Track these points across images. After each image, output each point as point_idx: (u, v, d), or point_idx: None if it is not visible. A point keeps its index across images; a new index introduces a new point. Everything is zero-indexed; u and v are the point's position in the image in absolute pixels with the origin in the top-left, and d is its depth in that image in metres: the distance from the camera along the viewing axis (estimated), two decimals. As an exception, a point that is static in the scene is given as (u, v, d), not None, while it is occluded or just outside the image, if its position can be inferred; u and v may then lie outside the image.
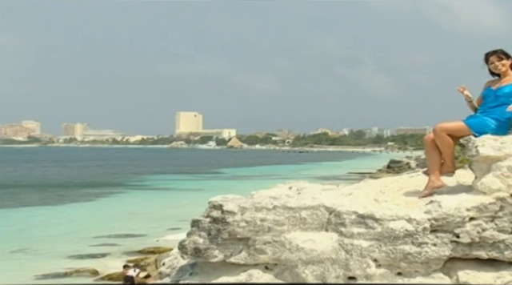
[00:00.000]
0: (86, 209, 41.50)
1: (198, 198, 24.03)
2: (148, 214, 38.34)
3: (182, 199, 43.79)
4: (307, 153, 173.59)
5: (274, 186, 6.60)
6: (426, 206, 5.09)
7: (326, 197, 5.56)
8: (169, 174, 74.47)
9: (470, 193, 5.16)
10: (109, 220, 35.48)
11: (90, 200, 46.90)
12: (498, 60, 5.73)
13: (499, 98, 5.63)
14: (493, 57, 5.75)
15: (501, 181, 5.02)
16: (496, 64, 5.73)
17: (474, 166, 5.25)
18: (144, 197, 48.73)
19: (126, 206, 42.33)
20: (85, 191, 52.26)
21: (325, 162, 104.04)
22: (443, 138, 5.57)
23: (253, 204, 5.47)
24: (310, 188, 6.20)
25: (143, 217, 37.07)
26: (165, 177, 69.55)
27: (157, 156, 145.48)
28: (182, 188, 54.54)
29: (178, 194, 49.73)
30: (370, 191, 5.88)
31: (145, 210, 40.24)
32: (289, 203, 5.39)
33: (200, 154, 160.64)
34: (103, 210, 40.13)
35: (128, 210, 39.75)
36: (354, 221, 5.11)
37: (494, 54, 5.75)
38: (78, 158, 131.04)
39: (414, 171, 8.05)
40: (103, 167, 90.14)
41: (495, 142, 5.18)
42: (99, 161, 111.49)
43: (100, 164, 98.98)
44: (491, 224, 4.97)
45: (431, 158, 5.70)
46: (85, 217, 37.11)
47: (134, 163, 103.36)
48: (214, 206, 5.66)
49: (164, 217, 36.50)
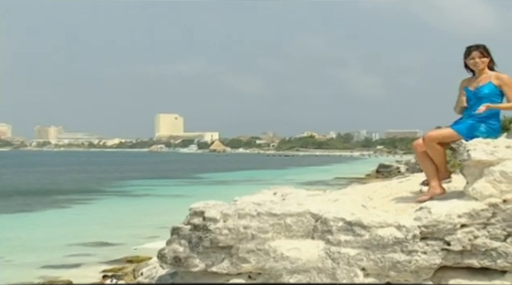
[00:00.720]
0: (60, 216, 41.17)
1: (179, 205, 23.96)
2: (126, 221, 38.11)
3: (161, 206, 43.61)
4: (293, 157, 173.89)
5: (258, 192, 6.59)
6: (415, 213, 5.11)
7: (312, 203, 5.56)
8: (148, 179, 74.14)
9: (461, 199, 5.20)
10: (84, 228, 35.21)
11: (64, 207, 46.52)
12: (480, 57, 5.79)
13: (481, 99, 5.71)
14: (475, 52, 5.81)
15: (493, 186, 5.06)
16: (476, 60, 5.79)
17: (466, 170, 5.29)
18: (122, 203, 48.44)
19: (103, 213, 42.05)
20: (59, 198, 51.84)
21: (311, 166, 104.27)
22: (434, 148, 5.65)
23: (236, 211, 5.46)
24: (296, 194, 6.20)
25: (120, 224, 36.84)
26: (143, 182, 69.23)
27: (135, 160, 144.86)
28: (162, 194, 54.33)
29: (157, 200, 49.53)
30: (357, 197, 5.89)
31: (122, 217, 39.98)
32: (273, 210, 5.39)
33: (181, 158, 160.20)
34: (78, 218, 39.84)
35: (105, 218, 39.49)
36: (341, 228, 5.12)
37: (477, 50, 5.81)
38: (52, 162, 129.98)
39: (403, 176, 8.10)
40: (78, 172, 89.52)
41: (487, 146, 5.22)
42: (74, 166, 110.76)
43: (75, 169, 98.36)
44: (483, 231, 5.00)
45: (425, 166, 5.77)
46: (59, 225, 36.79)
47: (111, 168, 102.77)
48: (195, 213, 5.65)
49: (142, 224, 36.30)
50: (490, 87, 5.73)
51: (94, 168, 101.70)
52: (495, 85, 5.73)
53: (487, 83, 5.75)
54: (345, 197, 5.92)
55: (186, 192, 50.94)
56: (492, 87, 5.72)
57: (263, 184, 42.81)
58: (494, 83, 5.73)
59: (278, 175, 73.97)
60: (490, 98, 5.69)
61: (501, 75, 5.78)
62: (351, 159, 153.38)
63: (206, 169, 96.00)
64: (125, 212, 41.98)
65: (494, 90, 5.72)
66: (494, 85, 5.72)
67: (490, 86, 5.73)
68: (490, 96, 5.70)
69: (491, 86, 5.73)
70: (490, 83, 5.73)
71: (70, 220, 38.62)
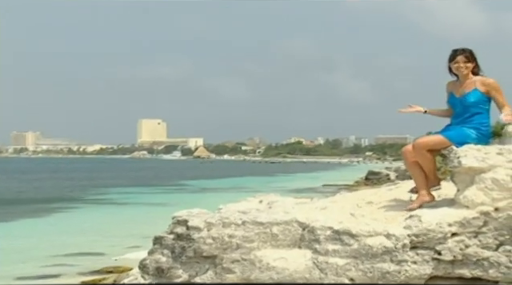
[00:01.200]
0: (38, 225, 40.79)
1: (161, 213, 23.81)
2: (106, 230, 37.87)
3: (143, 214, 43.38)
4: (279, 164, 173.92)
5: (243, 200, 6.60)
6: (405, 221, 5.14)
7: (299, 211, 5.57)
8: (129, 186, 73.80)
9: (451, 207, 5.23)
10: (62, 238, 34.93)
11: (42, 216, 46.12)
12: (464, 61, 5.81)
13: (468, 108, 5.75)
14: (460, 57, 5.83)
15: (484, 194, 5.10)
16: (461, 65, 5.82)
17: (456, 178, 5.33)
18: (102, 212, 48.15)
19: (82, 222, 41.76)
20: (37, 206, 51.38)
21: (298, 173, 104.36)
22: (423, 155, 5.69)
23: (220, 219, 5.46)
24: (282, 202, 6.21)
25: (100, 234, 36.60)
26: (125, 190, 68.89)
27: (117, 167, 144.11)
28: (144, 202, 54.08)
29: (139, 208, 49.28)
30: (346, 205, 5.91)
31: (103, 226, 39.73)
32: (259, 218, 5.39)
33: (164, 165, 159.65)
34: (56, 227, 39.51)
35: (84, 227, 39.21)
36: (328, 237, 5.13)
37: (463, 54, 5.83)
38: (30, 169, 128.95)
39: (393, 183, 8.13)
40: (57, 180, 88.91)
41: (478, 152, 5.26)
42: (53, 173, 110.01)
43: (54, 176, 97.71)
44: (475, 240, 5.04)
45: (415, 173, 5.80)
46: (36, 234, 36.47)
47: (91, 175, 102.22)
48: (178, 222, 5.63)
49: (123, 234, 36.10)
50: (476, 95, 5.77)
51: (74, 175, 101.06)
52: (481, 91, 5.76)
53: (473, 90, 5.78)
54: (333, 205, 5.94)
55: (169, 200, 50.74)
56: (478, 94, 5.76)
57: (249, 192, 42.55)
58: (480, 90, 5.76)
59: (264, 183, 73.92)
60: (477, 105, 5.75)
61: (487, 80, 5.80)
62: (340, 166, 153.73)
63: (189, 176, 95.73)
64: (105, 221, 41.72)
65: (480, 97, 5.76)
66: (479, 92, 5.76)
67: (476, 94, 5.77)
68: (477, 104, 5.75)
69: (477, 93, 5.76)
70: (476, 90, 5.77)
71: (47, 229, 38.29)
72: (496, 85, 5.78)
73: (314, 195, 10.44)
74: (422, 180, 5.76)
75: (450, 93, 5.95)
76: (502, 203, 5.08)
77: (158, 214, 32.30)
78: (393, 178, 54.84)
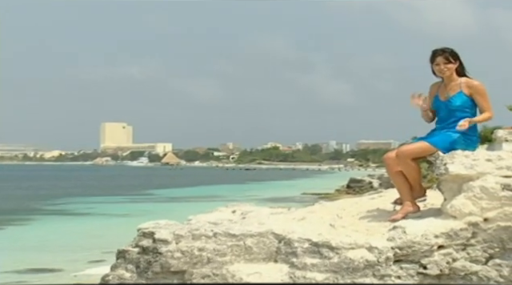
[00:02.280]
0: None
1: (126, 225, 23.69)
2: (65, 244, 37.47)
3: (106, 226, 43.03)
4: (254, 171, 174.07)
5: (215, 210, 6.59)
6: (388, 233, 5.17)
7: (275, 222, 5.58)
8: (91, 196, 73.16)
9: (438, 217, 5.28)
10: (17, 253, 34.47)
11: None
12: (445, 63, 5.86)
13: (454, 112, 5.80)
14: (440, 58, 5.87)
15: (473, 203, 5.15)
16: (441, 67, 5.86)
17: (443, 186, 5.38)
18: (61, 224, 47.64)
19: (39, 235, 41.26)
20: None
21: (275, 181, 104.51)
22: (407, 164, 5.73)
23: (190, 231, 5.44)
24: (257, 212, 6.22)
25: (59, 248, 36.20)
26: (86, 200, 68.27)
27: (77, 175, 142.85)
28: (107, 213, 53.64)
29: (101, 219, 48.86)
30: (325, 215, 5.93)
31: (61, 239, 39.31)
32: (232, 230, 5.38)
33: (129, 173, 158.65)
34: (10, 241, 38.98)
35: (41, 240, 38.75)
36: (306, 250, 5.13)
37: (442, 55, 5.87)
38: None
39: (376, 192, 8.19)
40: (11, 189, 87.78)
41: (466, 158, 5.32)
42: (5, 181, 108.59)
43: (7, 185, 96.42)
44: (463, 253, 5.08)
45: (398, 182, 5.84)
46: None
47: (49, 184, 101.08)
48: (143, 234, 5.60)
49: (84, 247, 35.76)
50: (462, 98, 5.82)
51: (30, 184, 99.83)
52: (466, 94, 5.81)
53: (458, 93, 5.83)
54: (311, 215, 5.95)
55: (135, 211, 50.42)
56: (464, 98, 5.81)
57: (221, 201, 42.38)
58: (465, 92, 5.81)
59: (238, 191, 73.84)
60: (463, 109, 5.79)
61: (472, 83, 5.84)
62: (319, 173, 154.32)
63: (157, 184, 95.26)
64: (64, 234, 41.28)
65: (466, 101, 5.81)
66: (465, 95, 5.81)
67: (461, 97, 5.82)
68: (463, 107, 5.80)
69: (463, 96, 5.81)
70: (461, 93, 5.82)
71: (0, 244, 37.73)
72: (481, 88, 5.82)
73: (292, 205, 10.47)
74: (406, 190, 5.80)
75: (435, 96, 5.99)
76: (491, 213, 5.14)
77: (121, 226, 32.11)
78: (376, 186, 55.23)
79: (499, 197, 5.14)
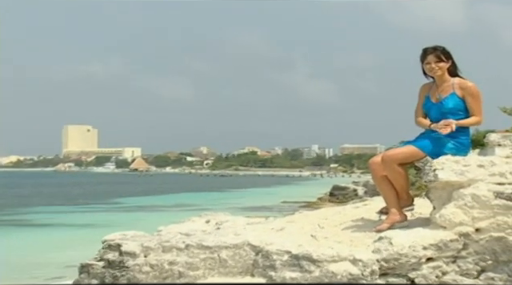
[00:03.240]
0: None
1: (90, 237, 23.50)
2: (23, 258, 37.14)
3: (68, 238, 42.70)
4: (230, 177, 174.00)
5: (187, 220, 6.58)
6: (374, 244, 5.19)
7: (252, 233, 5.58)
8: (52, 205, 72.58)
9: (426, 227, 5.31)
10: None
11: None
12: (436, 61, 5.91)
13: (445, 114, 5.83)
14: (431, 56, 5.92)
15: (464, 212, 5.19)
16: (432, 66, 5.91)
17: (432, 194, 5.41)
18: (17, 236, 47.18)
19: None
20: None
21: (252, 188, 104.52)
22: (394, 170, 5.75)
23: (160, 243, 5.43)
24: (233, 222, 6.23)
25: (16, 262, 35.88)
26: (46, 209, 67.72)
27: (37, 182, 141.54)
28: (69, 223, 53.25)
29: (62, 231, 48.46)
30: (306, 225, 5.95)
31: (19, 252, 38.96)
32: (205, 241, 5.38)
33: (94, 180, 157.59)
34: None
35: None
36: (286, 263, 5.14)
37: (433, 53, 5.92)
38: None
39: (361, 200, 8.23)
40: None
41: (457, 164, 5.36)
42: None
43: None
44: (453, 266, 5.12)
45: (384, 189, 5.87)
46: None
47: (5, 192, 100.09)
48: (109, 247, 5.57)
49: (43, 262, 35.45)
50: (455, 100, 5.85)
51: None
52: (459, 96, 5.85)
53: (451, 95, 5.87)
54: (291, 225, 5.97)
55: (100, 221, 50.10)
56: (456, 100, 5.85)
57: (194, 210, 42.28)
58: (458, 94, 5.85)
59: (212, 199, 73.73)
60: (455, 112, 5.82)
61: (465, 84, 5.88)
62: (300, 180, 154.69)
63: (124, 192, 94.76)
64: (22, 247, 40.88)
65: (459, 103, 5.84)
66: (457, 96, 5.85)
67: (454, 99, 5.85)
68: (455, 110, 5.82)
69: (455, 98, 5.85)
70: (454, 95, 5.86)
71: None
72: (474, 90, 5.85)
73: (270, 214, 10.49)
74: (392, 198, 5.83)
75: (426, 97, 6.03)
76: (483, 223, 5.18)
77: (85, 238, 31.84)
78: (361, 193, 55.48)
79: (492, 205, 5.18)
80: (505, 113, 20.87)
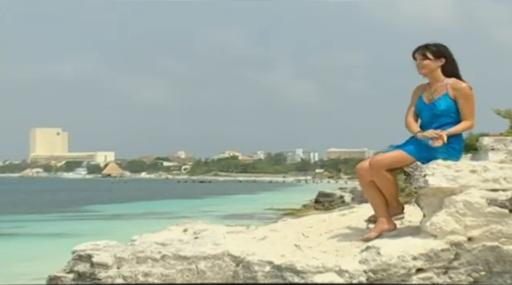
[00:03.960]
0: None
1: (59, 247, 23.34)
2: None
3: (35, 249, 42.43)
4: (210, 183, 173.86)
5: (164, 229, 6.56)
6: (361, 254, 5.21)
7: (233, 242, 5.58)
8: (18, 213, 72.09)
9: (416, 236, 5.34)
10: None
11: None
12: (422, 59, 5.92)
13: (437, 116, 5.84)
14: (417, 53, 5.95)
15: (456, 220, 5.22)
16: (417, 63, 5.94)
17: (422, 200, 5.44)
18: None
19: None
20: None
21: (233, 195, 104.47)
22: (382, 176, 5.76)
23: (134, 253, 5.41)
24: (212, 231, 6.22)
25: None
26: (12, 218, 67.23)
27: (2, 189, 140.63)
28: (37, 233, 52.91)
29: (30, 241, 48.15)
30: (289, 234, 5.96)
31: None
32: (182, 251, 5.37)
33: (64, 186, 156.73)
34: None
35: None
36: (268, 274, 5.15)
37: (420, 50, 5.94)
38: None
39: (348, 207, 8.26)
40: None
41: (448, 169, 5.39)
42: None
43: None
44: (444, 277, 5.15)
45: (372, 196, 5.89)
46: None
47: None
48: (79, 257, 5.55)
49: (8, 274, 35.19)
50: (447, 101, 5.84)
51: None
52: (451, 97, 5.84)
53: (443, 95, 5.86)
54: (274, 234, 5.97)
55: (69, 230, 49.81)
56: (449, 101, 5.84)
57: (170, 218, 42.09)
58: (450, 95, 5.84)
59: (190, 207, 73.58)
60: (448, 114, 5.83)
61: (458, 84, 5.86)
62: (284, 186, 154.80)
63: (96, 199, 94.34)
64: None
65: (452, 104, 5.82)
66: (450, 97, 5.84)
67: (446, 100, 5.84)
68: (448, 112, 5.83)
69: (448, 99, 5.84)
70: (447, 96, 5.85)
71: None
72: (467, 91, 5.83)
73: (252, 222, 10.49)
74: (381, 205, 5.85)
75: (419, 97, 6.04)
76: (476, 232, 5.22)
77: (54, 249, 31.63)
78: (348, 200, 55.58)
79: (485, 213, 5.22)
80: (499, 115, 21.03)
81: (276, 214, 53.70)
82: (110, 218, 64.65)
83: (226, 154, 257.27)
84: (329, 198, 65.49)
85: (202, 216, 44.10)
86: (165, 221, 18.90)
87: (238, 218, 52.56)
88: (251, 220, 46.50)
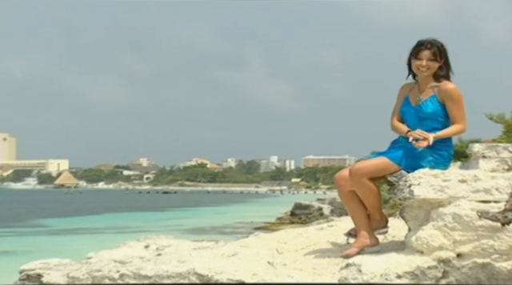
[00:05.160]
0: None
1: (5, 265, 23.15)
2: None
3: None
4: (175, 194, 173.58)
5: (123, 245, 6.54)
6: (340, 272, 5.23)
7: (199, 260, 5.58)
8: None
9: (401, 252, 5.36)
10: None
11: None
12: (430, 59, 5.88)
13: (424, 120, 5.87)
14: (427, 52, 5.89)
15: (444, 235, 5.25)
16: (423, 64, 5.87)
17: (407, 213, 5.47)
18: None
19: None
20: None
21: (200, 207, 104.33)
22: (364, 185, 5.76)
23: (89, 273, 5.39)
24: (177, 246, 6.21)
25: None
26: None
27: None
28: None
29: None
30: (262, 250, 5.96)
31: None
32: (144, 270, 5.35)
33: (12, 198, 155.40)
34: None
35: None
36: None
37: (430, 49, 5.89)
38: None
39: (326, 221, 8.28)
40: None
41: (435, 179, 5.41)
42: None
43: None
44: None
45: (353, 208, 5.89)
46: None
47: None
48: (27, 277, 5.52)
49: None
50: (435, 104, 5.87)
51: None
52: (439, 99, 5.87)
53: (431, 97, 5.90)
54: (245, 250, 5.97)
55: (16, 247, 49.39)
56: (436, 104, 5.86)
57: (130, 233, 41.97)
58: (438, 97, 5.86)
59: (153, 220, 73.36)
60: (435, 118, 5.85)
61: (446, 86, 5.87)
62: (257, 197, 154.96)
63: (47, 212, 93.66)
64: None
65: (440, 108, 5.85)
66: (438, 100, 5.87)
67: (434, 103, 5.87)
68: (435, 116, 5.85)
69: (436, 101, 5.87)
70: (435, 98, 5.88)
71: None
72: (455, 93, 5.85)
73: (221, 237, 10.49)
74: (362, 218, 5.86)
75: (405, 98, 6.06)
76: (466, 247, 5.25)
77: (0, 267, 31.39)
78: (327, 213, 55.79)
79: (475, 227, 5.24)
80: (491, 120, 21.21)
81: (247, 229, 53.75)
82: (63, 233, 64.19)
83: (192, 162, 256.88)
84: (306, 210, 65.67)
85: (165, 231, 43.98)
86: (124, 236, 18.84)
87: (206, 233, 52.50)
88: (220, 235, 46.45)
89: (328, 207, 61.96)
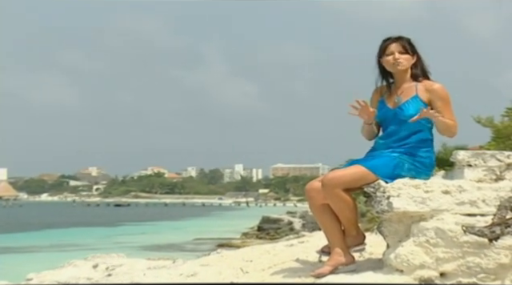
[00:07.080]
0: None
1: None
2: None
3: None
4: (128, 207, 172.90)
5: (68, 265, 6.52)
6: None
7: (155, 280, 5.58)
8: None
9: (379, 271, 5.40)
10: None
11: None
12: (402, 52, 5.98)
13: (405, 123, 5.91)
14: (395, 45, 5.99)
15: (425, 252, 5.30)
16: (396, 57, 5.95)
17: (386, 228, 5.51)
18: None
19: None
20: None
21: (157, 221, 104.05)
22: (338, 198, 5.75)
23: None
24: (129, 266, 6.21)
25: None
26: None
27: None
28: None
29: None
30: (225, 270, 5.99)
31: None
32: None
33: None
34: None
35: None
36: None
37: (398, 41, 5.99)
38: None
39: (297, 236, 8.32)
40: None
41: (416, 190, 5.46)
42: None
43: None
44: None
45: (326, 222, 5.89)
46: None
47: None
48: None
49: None
50: (418, 104, 5.89)
51: None
52: (423, 100, 5.91)
53: (412, 98, 5.94)
54: (206, 270, 5.99)
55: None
56: (420, 104, 5.88)
57: (77, 251, 41.77)
58: (422, 98, 5.91)
59: (103, 237, 73.08)
60: (418, 120, 5.86)
61: (432, 86, 5.95)
62: (220, 210, 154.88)
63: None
64: None
65: (422, 109, 5.88)
66: (421, 100, 5.91)
67: (416, 103, 5.90)
68: (417, 119, 5.91)
69: (418, 102, 5.90)
70: (417, 98, 5.92)
71: None
72: (443, 92, 5.92)
73: (179, 255, 10.49)
74: (336, 233, 5.87)
75: (380, 101, 6.10)
76: (450, 266, 5.29)
77: None
78: (298, 227, 55.99)
79: (460, 243, 5.29)
80: (479, 124, 21.32)
81: (209, 245, 53.64)
82: (1, 251, 63.65)
83: (148, 171, 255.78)
84: (274, 224, 65.81)
85: (116, 248, 43.75)
86: (70, 254, 18.73)
87: (163, 251, 52.33)
88: (178, 252, 46.34)
89: (299, 221, 62.13)
